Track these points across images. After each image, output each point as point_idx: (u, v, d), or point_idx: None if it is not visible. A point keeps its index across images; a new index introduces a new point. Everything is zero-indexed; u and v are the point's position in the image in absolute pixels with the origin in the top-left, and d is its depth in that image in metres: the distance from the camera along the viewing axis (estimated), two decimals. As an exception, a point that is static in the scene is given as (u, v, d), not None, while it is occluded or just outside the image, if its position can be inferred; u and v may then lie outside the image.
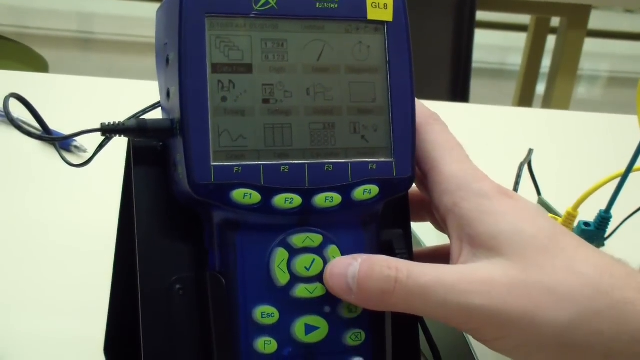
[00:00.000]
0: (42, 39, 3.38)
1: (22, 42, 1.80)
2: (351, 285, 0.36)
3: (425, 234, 0.53)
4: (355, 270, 0.36)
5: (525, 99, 2.30)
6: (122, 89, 0.96)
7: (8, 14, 3.52)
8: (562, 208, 0.56)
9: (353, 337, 0.39)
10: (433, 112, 0.41)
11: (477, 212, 0.37)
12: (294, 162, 0.37)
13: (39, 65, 1.70)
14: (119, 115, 0.40)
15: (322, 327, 0.38)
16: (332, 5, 0.38)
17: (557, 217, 0.53)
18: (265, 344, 0.37)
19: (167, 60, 0.38)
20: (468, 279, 0.36)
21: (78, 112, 0.82)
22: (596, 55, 4.03)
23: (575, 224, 0.53)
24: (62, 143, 0.75)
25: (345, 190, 0.38)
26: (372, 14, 0.39)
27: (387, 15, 0.39)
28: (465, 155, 0.40)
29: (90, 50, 3.66)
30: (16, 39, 1.84)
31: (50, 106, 0.54)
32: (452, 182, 0.39)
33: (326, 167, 0.38)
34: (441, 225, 0.41)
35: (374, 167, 0.38)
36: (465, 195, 0.38)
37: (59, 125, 0.47)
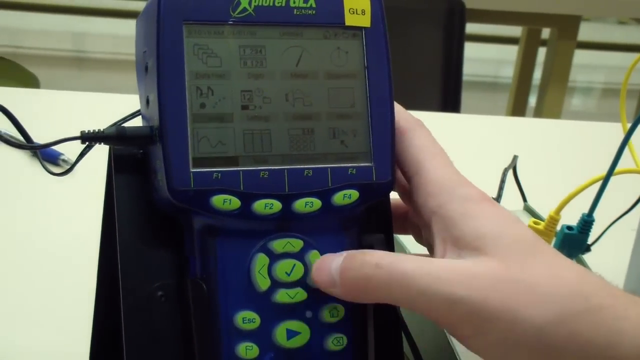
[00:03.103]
0: (37, 58, 3.39)
1: (16, 62, 1.81)
2: (334, 276, 0.37)
3: (411, 242, 0.53)
4: (339, 263, 0.37)
5: (517, 110, 2.30)
6: (112, 103, 0.95)
7: (2, 34, 3.53)
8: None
9: (335, 342, 0.39)
10: (417, 118, 0.41)
11: (462, 214, 0.38)
12: (273, 167, 0.37)
13: (29, 82, 1.71)
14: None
15: (303, 332, 0.38)
16: (309, 12, 0.38)
17: (540, 221, 0.53)
18: (247, 350, 0.37)
19: (146, 68, 0.38)
20: (452, 268, 0.36)
21: (66, 125, 0.82)
22: (590, 66, 4.04)
23: (558, 227, 0.53)
24: (48, 155, 0.75)
25: (325, 195, 0.38)
26: (350, 20, 0.39)
27: (365, 21, 0.39)
28: (450, 161, 0.40)
29: (84, 68, 3.67)
30: (11, 59, 1.84)
31: (38, 120, 0.54)
32: (437, 186, 0.39)
33: (306, 172, 0.38)
34: (423, 234, 0.41)
35: (354, 171, 0.38)
36: (450, 198, 0.38)
37: (46, 138, 0.47)
